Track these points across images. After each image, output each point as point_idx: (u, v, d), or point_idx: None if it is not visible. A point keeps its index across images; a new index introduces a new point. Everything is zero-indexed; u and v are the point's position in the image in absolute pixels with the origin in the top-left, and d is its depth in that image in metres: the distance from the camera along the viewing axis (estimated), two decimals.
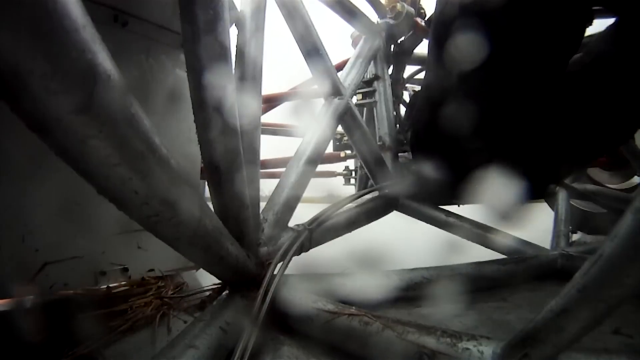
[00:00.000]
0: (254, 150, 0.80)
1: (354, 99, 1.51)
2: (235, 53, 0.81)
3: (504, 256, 1.08)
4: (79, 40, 0.31)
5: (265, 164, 1.98)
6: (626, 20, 0.77)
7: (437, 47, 0.94)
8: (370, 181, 1.38)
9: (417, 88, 1.89)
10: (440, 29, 0.92)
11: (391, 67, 1.68)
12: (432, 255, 1.14)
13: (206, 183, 0.68)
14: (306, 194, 1.00)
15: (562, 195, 1.47)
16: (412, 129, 1.36)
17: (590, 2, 0.77)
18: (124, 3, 0.93)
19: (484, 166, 0.92)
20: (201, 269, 0.92)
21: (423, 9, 1.71)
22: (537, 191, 1.20)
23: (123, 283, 0.96)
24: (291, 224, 0.93)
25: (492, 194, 0.91)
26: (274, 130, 2.06)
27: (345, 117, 1.17)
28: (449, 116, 0.88)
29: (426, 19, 1.68)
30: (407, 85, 1.88)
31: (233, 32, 0.79)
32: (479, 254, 1.10)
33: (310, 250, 0.97)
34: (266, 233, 0.84)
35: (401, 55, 1.70)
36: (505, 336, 0.50)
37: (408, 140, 1.51)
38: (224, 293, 0.70)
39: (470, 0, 0.80)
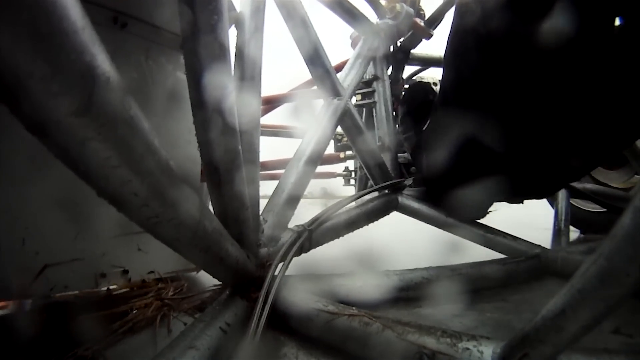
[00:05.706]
0: (254, 150, 0.80)
1: (353, 100, 1.51)
2: (234, 53, 0.81)
3: (504, 256, 1.08)
4: (78, 42, 0.31)
5: (266, 166, 1.98)
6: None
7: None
8: (370, 182, 1.38)
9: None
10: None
11: (390, 68, 1.69)
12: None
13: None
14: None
15: (562, 194, 1.46)
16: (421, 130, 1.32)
17: None
18: (124, 5, 0.94)
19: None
20: (201, 271, 0.92)
21: (422, 9, 1.71)
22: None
23: (123, 285, 0.96)
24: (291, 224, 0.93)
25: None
26: (274, 131, 2.07)
27: (344, 117, 1.17)
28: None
29: (426, 19, 1.68)
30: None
31: (232, 32, 0.80)
32: (479, 254, 1.10)
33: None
34: (266, 234, 0.83)
35: (400, 56, 1.70)
36: (505, 336, 0.51)
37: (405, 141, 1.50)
38: (224, 294, 0.70)
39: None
